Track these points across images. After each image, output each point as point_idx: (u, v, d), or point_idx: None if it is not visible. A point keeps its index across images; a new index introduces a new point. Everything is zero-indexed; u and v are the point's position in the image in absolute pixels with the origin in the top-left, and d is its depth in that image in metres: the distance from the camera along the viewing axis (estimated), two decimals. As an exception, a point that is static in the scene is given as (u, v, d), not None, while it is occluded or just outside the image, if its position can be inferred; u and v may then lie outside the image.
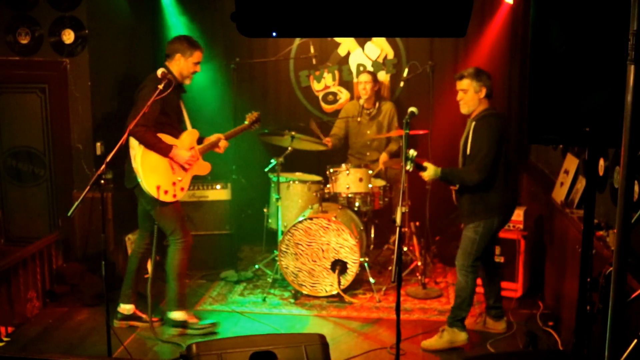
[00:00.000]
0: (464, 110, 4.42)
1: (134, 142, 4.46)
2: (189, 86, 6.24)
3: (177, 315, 4.74)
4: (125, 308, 4.84)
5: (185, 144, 4.67)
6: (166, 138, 4.53)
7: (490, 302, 4.70)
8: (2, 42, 5.40)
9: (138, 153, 4.42)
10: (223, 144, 4.91)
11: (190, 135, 4.74)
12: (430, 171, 4.40)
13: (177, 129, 4.67)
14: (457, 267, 4.47)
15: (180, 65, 4.61)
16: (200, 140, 4.83)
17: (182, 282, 4.77)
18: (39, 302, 5.15)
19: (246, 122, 5.14)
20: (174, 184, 4.57)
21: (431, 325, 4.80)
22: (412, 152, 4.21)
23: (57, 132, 5.53)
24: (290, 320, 4.97)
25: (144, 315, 4.84)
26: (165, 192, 4.50)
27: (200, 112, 6.40)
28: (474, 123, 4.36)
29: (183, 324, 4.72)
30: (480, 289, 4.83)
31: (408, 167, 4.20)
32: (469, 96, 4.36)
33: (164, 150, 4.49)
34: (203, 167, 4.84)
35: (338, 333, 4.75)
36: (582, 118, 2.34)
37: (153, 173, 4.47)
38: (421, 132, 5.44)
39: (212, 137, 4.87)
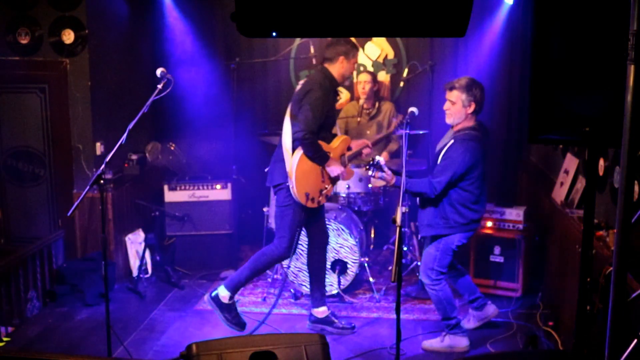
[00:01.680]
0: (448, 120, 4.35)
1: (289, 145, 4.39)
2: (189, 87, 6.27)
3: (224, 293, 4.54)
4: (318, 311, 4.78)
5: (337, 151, 4.60)
6: (322, 144, 4.47)
7: (466, 298, 4.69)
8: (2, 42, 5.40)
9: (295, 158, 4.35)
10: (367, 151, 4.78)
11: (343, 142, 4.67)
12: (381, 180, 4.34)
13: (330, 134, 4.61)
14: (424, 283, 4.47)
15: (343, 67, 4.51)
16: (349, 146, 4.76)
17: (251, 276, 4.60)
18: (39, 302, 5.15)
19: (391, 128, 4.96)
20: (320, 191, 4.51)
21: (431, 325, 4.80)
22: (380, 158, 4.26)
23: (57, 132, 5.53)
24: (290, 320, 4.97)
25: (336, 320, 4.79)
26: (312, 199, 4.44)
27: (200, 112, 6.41)
28: (452, 141, 4.28)
29: (221, 305, 4.55)
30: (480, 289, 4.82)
31: (370, 172, 4.21)
32: (456, 109, 4.27)
33: (322, 160, 4.44)
34: (349, 174, 4.79)
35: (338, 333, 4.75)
36: (582, 118, 2.34)
37: (305, 180, 4.40)
38: (421, 132, 5.44)
39: (360, 143, 4.75)
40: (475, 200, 4.31)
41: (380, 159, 4.31)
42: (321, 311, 4.78)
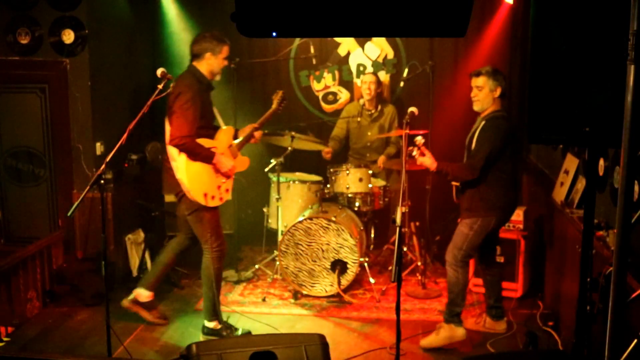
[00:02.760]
0: (476, 107, 4.42)
1: (173, 153, 4.35)
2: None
3: (212, 324, 4.63)
4: (143, 293, 4.79)
5: (223, 143, 4.58)
6: (205, 142, 4.43)
7: (490, 302, 4.70)
8: (2, 42, 5.40)
9: (181, 164, 4.31)
10: (258, 133, 4.81)
11: (226, 134, 4.65)
12: (426, 160, 4.40)
13: (212, 129, 4.59)
14: (446, 261, 4.48)
15: (211, 63, 4.49)
16: (234, 135, 4.74)
17: (217, 291, 4.65)
18: (39, 302, 5.15)
19: (274, 105, 4.97)
20: (219, 187, 4.50)
21: (431, 325, 4.80)
22: (420, 139, 4.33)
23: (57, 132, 5.53)
24: (290, 320, 4.97)
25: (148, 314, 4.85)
26: (212, 197, 4.43)
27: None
28: (483, 122, 4.38)
29: (218, 333, 4.61)
30: (481, 289, 4.83)
31: (414, 153, 4.28)
32: (484, 94, 4.37)
33: (208, 158, 4.41)
34: (243, 163, 4.77)
35: (338, 333, 4.75)
36: (582, 118, 2.34)
37: (198, 181, 4.37)
38: (421, 132, 5.43)
39: (246, 129, 4.77)
40: (511, 180, 4.39)
41: (419, 138, 4.35)
42: (146, 295, 4.80)
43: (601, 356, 2.08)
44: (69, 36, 5.40)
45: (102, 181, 3.87)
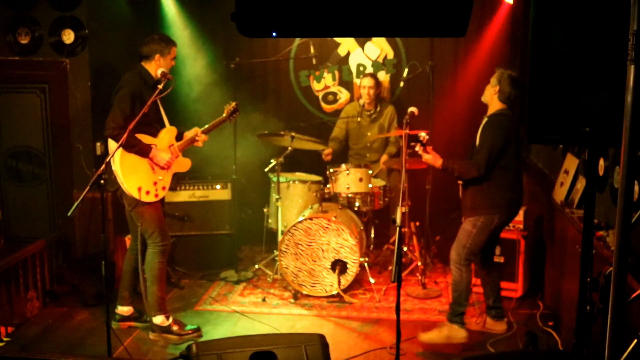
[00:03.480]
0: (483, 98, 4.53)
1: (112, 145, 4.42)
2: (189, 87, 6.27)
3: (159, 319, 4.65)
4: (123, 310, 4.83)
5: (164, 142, 4.62)
6: (145, 138, 4.48)
7: (489, 302, 4.70)
8: (2, 42, 5.41)
9: (117, 155, 4.35)
10: (202, 137, 4.83)
11: (168, 133, 4.69)
12: (430, 159, 4.47)
13: (155, 128, 4.61)
14: (450, 260, 4.49)
15: (159, 64, 4.57)
16: (179, 136, 4.77)
17: (162, 286, 4.69)
18: (39, 302, 5.15)
19: (224, 114, 5.01)
20: (155, 183, 4.53)
21: (431, 325, 4.79)
22: (424, 135, 4.38)
23: (57, 132, 5.53)
24: (290, 320, 4.97)
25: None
26: (147, 192, 4.46)
27: (200, 112, 6.40)
28: (485, 119, 4.43)
29: (167, 329, 4.63)
30: (480, 289, 4.83)
31: (417, 149, 4.31)
32: (487, 89, 4.48)
33: (144, 152, 4.45)
34: (183, 164, 4.79)
35: (338, 333, 4.75)
36: (582, 118, 2.34)
37: (133, 174, 4.42)
38: (421, 132, 5.43)
39: (191, 132, 4.82)
40: (515, 179, 4.40)
41: (423, 134, 4.43)
42: (126, 310, 4.82)
43: (601, 356, 2.08)
44: (69, 36, 5.40)
45: (102, 181, 3.87)
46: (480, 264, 4.71)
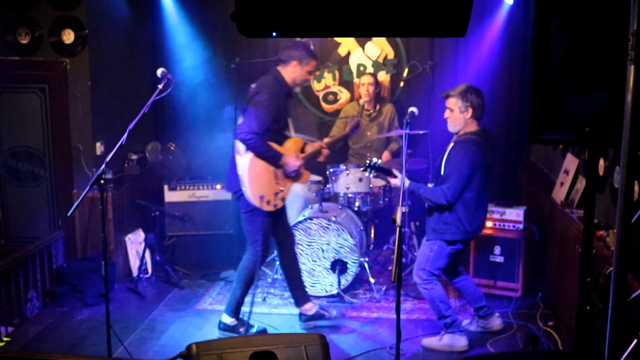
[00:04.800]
0: (450, 128, 4.40)
1: (240, 149, 4.38)
2: (189, 87, 6.26)
3: (228, 320, 4.64)
4: (306, 308, 4.81)
5: (290, 152, 4.57)
6: (274, 146, 4.46)
7: (473, 307, 4.70)
8: (2, 42, 5.40)
9: (246, 161, 4.34)
10: (325, 152, 4.81)
11: (295, 143, 4.65)
12: (398, 180, 4.39)
13: (282, 136, 4.59)
14: (415, 280, 4.49)
15: (295, 72, 4.50)
16: (302, 148, 4.74)
17: (245, 292, 4.64)
18: (39, 302, 5.15)
19: (347, 129, 5.02)
20: (276, 194, 4.49)
21: (431, 325, 4.80)
22: (375, 159, 4.35)
23: (57, 132, 5.53)
24: (290, 320, 4.97)
25: (325, 313, 4.86)
26: (268, 202, 4.42)
27: (201, 112, 6.41)
28: (452, 144, 4.34)
29: (234, 330, 4.61)
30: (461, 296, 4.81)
31: (368, 174, 4.24)
32: (455, 115, 4.32)
33: (275, 159, 4.43)
34: (305, 176, 4.77)
35: (338, 333, 4.75)
36: (582, 118, 2.34)
37: (258, 182, 4.39)
38: (421, 132, 5.44)
39: (315, 145, 4.77)
40: (476, 206, 4.33)
41: (377, 160, 4.41)
42: (308, 308, 4.81)
43: (601, 356, 2.08)
44: (69, 36, 5.39)
45: (102, 181, 3.87)
46: (447, 278, 4.68)
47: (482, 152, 4.29)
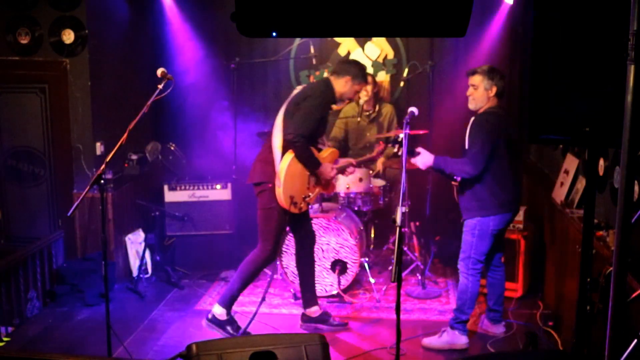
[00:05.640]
0: (471, 105, 4.41)
1: (278, 144, 4.41)
2: (189, 87, 6.26)
3: (219, 311, 4.61)
4: (311, 311, 4.82)
5: (327, 161, 4.63)
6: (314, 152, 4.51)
7: (490, 303, 4.69)
8: (2, 42, 5.40)
9: (286, 160, 4.37)
10: (351, 170, 4.89)
11: (332, 154, 4.72)
12: (424, 157, 4.40)
13: (319, 143, 4.63)
14: (459, 269, 4.47)
15: (346, 86, 4.52)
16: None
17: (243, 286, 4.63)
18: (39, 302, 5.15)
19: (374, 153, 5.15)
20: (304, 198, 4.53)
21: (431, 325, 4.80)
22: (402, 136, 4.28)
23: (57, 132, 5.53)
24: (290, 320, 4.97)
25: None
26: (295, 204, 4.45)
27: (201, 112, 6.41)
28: (472, 118, 4.38)
29: (221, 324, 4.60)
30: (484, 289, 4.82)
31: (395, 150, 4.25)
32: (479, 93, 4.35)
33: (314, 165, 4.47)
34: (332, 187, 4.85)
35: (338, 333, 4.75)
36: (582, 118, 2.34)
37: (292, 183, 4.41)
38: (421, 132, 5.43)
39: (344, 161, 4.83)
40: (504, 177, 4.34)
41: (401, 136, 4.34)
42: (314, 311, 4.81)
43: (601, 356, 2.08)
44: (69, 36, 5.40)
45: (102, 181, 3.87)
46: (485, 267, 4.69)
47: (502, 123, 4.34)
